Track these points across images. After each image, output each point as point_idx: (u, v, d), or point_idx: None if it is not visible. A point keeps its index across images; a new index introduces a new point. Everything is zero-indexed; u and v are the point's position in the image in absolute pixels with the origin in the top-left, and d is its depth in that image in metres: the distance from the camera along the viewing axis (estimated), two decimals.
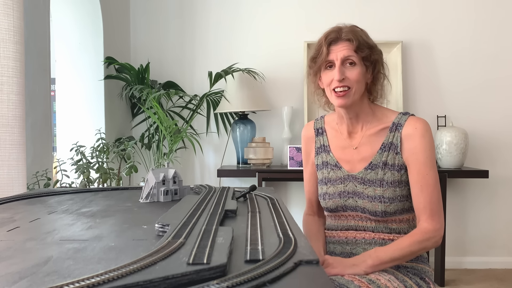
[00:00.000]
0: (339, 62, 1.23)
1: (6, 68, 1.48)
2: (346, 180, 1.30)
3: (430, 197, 1.21)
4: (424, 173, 1.22)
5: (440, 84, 3.05)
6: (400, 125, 1.25)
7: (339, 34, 1.25)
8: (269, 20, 3.08)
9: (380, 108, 1.33)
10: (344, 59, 1.23)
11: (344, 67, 1.23)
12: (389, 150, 1.26)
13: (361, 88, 1.25)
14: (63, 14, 2.64)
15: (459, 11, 3.04)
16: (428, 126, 1.25)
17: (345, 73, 1.22)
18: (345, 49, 1.23)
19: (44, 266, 0.54)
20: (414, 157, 1.23)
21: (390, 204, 1.24)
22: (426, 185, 1.21)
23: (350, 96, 1.23)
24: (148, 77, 2.76)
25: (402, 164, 1.25)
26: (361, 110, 1.29)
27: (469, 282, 2.76)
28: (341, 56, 1.22)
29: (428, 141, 1.23)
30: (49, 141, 2.09)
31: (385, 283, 1.12)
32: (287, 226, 0.74)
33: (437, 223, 1.20)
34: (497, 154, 3.04)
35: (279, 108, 3.02)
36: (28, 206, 1.05)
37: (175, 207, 0.89)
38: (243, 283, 0.46)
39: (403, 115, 1.28)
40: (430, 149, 1.23)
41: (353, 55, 1.22)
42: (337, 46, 1.24)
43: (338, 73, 1.22)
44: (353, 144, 1.32)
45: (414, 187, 1.23)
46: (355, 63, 1.23)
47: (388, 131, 1.27)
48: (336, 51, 1.23)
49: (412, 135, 1.23)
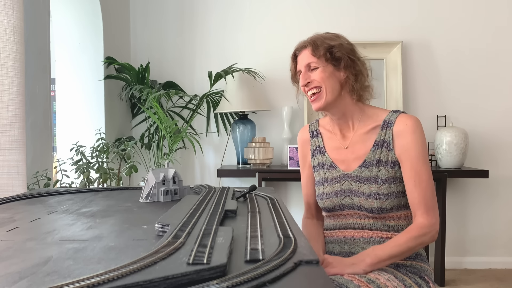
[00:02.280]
0: (304, 69, 1.30)
1: (6, 68, 1.48)
2: (342, 179, 1.32)
3: (424, 192, 1.23)
4: (417, 168, 1.23)
5: (440, 84, 3.05)
6: (391, 122, 1.28)
7: (301, 45, 1.33)
8: (269, 20, 3.08)
9: (370, 107, 1.35)
10: (307, 66, 1.30)
11: (310, 72, 1.30)
12: (382, 147, 1.28)
13: (332, 87, 1.28)
14: (63, 14, 2.64)
15: (459, 11, 3.04)
16: (418, 123, 1.27)
17: (310, 78, 1.29)
18: (305, 56, 1.31)
19: (44, 266, 0.54)
20: (407, 153, 1.25)
21: (386, 200, 1.25)
22: (419, 181, 1.23)
23: (322, 97, 1.28)
24: (148, 77, 2.76)
25: (395, 160, 1.27)
26: (346, 109, 1.32)
27: (469, 282, 2.76)
28: (303, 64, 1.30)
29: (419, 136, 1.25)
30: (49, 141, 2.09)
31: (384, 283, 1.12)
32: (287, 226, 0.74)
33: (432, 218, 1.21)
34: (497, 154, 3.04)
35: (279, 108, 3.02)
36: (28, 206, 1.05)
37: (175, 207, 0.89)
38: (243, 283, 0.46)
39: (394, 112, 1.30)
40: (421, 144, 1.25)
41: (312, 60, 1.29)
42: (300, 56, 1.33)
43: (301, 78, 1.30)
44: (346, 144, 1.34)
45: (408, 183, 1.25)
46: (317, 66, 1.28)
47: (380, 128, 1.29)
48: (300, 61, 1.32)
49: (403, 131, 1.25)
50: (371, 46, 2.96)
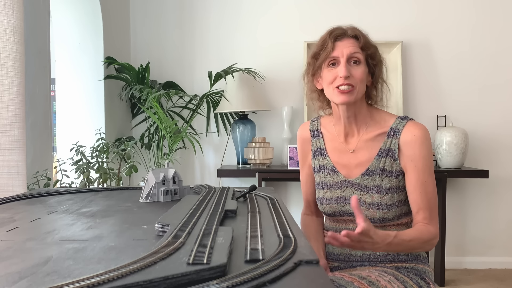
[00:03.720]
0: (345, 58, 1.19)
1: (6, 68, 1.48)
2: (343, 186, 1.29)
3: (429, 203, 1.21)
4: (423, 180, 1.21)
5: (440, 84, 3.05)
6: (398, 131, 1.23)
7: (345, 31, 1.23)
8: (269, 20, 3.08)
9: (379, 112, 1.30)
10: (349, 56, 1.20)
11: (349, 65, 1.20)
12: (387, 156, 1.24)
13: (363, 88, 1.24)
14: (63, 14, 2.64)
15: (459, 11, 3.04)
16: (427, 133, 1.23)
17: (350, 71, 1.19)
18: (351, 45, 1.20)
19: (44, 266, 0.54)
20: (413, 164, 1.21)
21: (388, 211, 1.24)
22: (425, 192, 1.21)
23: (354, 94, 1.20)
24: (148, 77, 2.76)
25: (400, 170, 1.24)
26: (359, 110, 1.26)
27: (469, 282, 2.76)
28: (347, 52, 1.19)
29: (427, 148, 1.21)
30: (49, 141, 2.09)
31: (385, 285, 1.11)
32: (287, 226, 0.74)
33: (436, 229, 1.21)
34: (497, 154, 3.04)
35: (279, 108, 3.02)
36: (28, 206, 1.05)
37: (175, 207, 0.89)
38: (243, 283, 0.46)
39: (402, 119, 1.25)
40: (429, 156, 1.22)
41: (359, 52, 1.20)
42: (342, 42, 1.21)
43: (344, 69, 1.18)
44: (349, 148, 1.29)
45: (413, 193, 1.22)
46: (360, 62, 1.21)
47: (386, 136, 1.25)
48: (342, 47, 1.20)
49: (410, 142, 1.21)
50: None
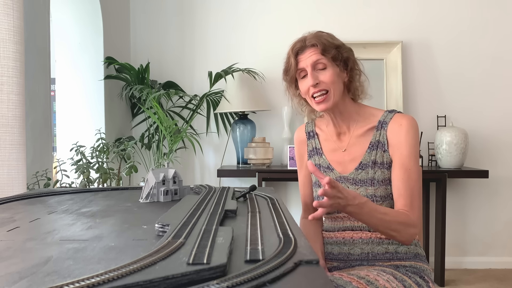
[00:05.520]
0: (310, 68, 1.26)
1: (6, 68, 1.48)
2: (338, 182, 1.30)
3: (411, 191, 1.22)
4: (407, 166, 1.23)
5: (440, 84, 3.05)
6: (385, 123, 1.28)
7: (304, 43, 1.28)
8: (269, 20, 3.08)
9: (366, 108, 1.34)
10: (314, 64, 1.26)
11: (317, 72, 1.26)
12: (377, 148, 1.28)
13: (339, 88, 1.27)
14: (63, 14, 2.64)
15: (459, 11, 3.04)
16: (414, 122, 1.26)
17: (319, 78, 1.25)
18: (312, 54, 1.26)
19: (44, 266, 0.54)
20: (398, 151, 1.24)
21: (383, 202, 1.26)
22: (407, 179, 1.22)
23: (330, 99, 1.26)
24: (148, 77, 2.76)
25: (390, 161, 1.27)
26: (344, 109, 1.31)
27: (469, 282, 2.76)
28: (310, 62, 1.26)
29: (413, 136, 1.24)
30: (49, 141, 2.09)
31: (383, 284, 1.11)
32: (287, 226, 0.74)
33: (416, 218, 1.20)
34: (497, 154, 3.04)
35: (279, 108, 3.02)
36: (28, 206, 1.05)
37: (175, 207, 0.89)
38: (243, 283, 0.46)
39: (389, 113, 1.30)
40: (414, 144, 1.24)
41: (322, 58, 1.25)
42: (304, 54, 1.28)
43: (311, 78, 1.25)
44: (342, 146, 1.34)
45: (396, 179, 1.23)
46: (326, 66, 1.26)
47: (375, 130, 1.29)
48: (304, 59, 1.27)
49: (397, 130, 1.25)
50: (371, 46, 2.96)
